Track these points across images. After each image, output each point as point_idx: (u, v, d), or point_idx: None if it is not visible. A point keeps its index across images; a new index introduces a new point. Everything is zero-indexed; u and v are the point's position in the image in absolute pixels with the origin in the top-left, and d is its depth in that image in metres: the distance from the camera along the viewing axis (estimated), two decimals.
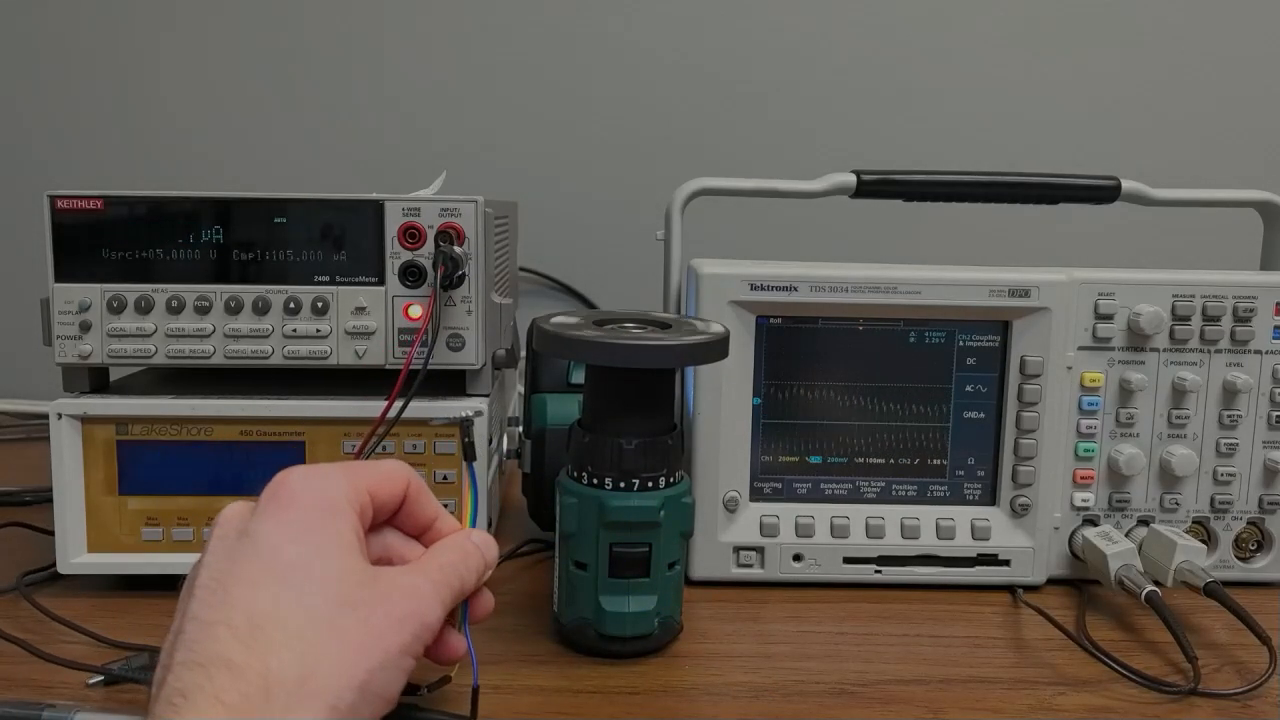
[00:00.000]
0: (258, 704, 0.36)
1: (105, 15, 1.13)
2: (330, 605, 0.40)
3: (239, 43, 1.14)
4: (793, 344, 0.68)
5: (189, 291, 0.63)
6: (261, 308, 0.63)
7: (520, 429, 0.74)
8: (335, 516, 0.43)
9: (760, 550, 0.68)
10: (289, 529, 0.41)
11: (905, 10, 1.12)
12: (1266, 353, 0.68)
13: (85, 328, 0.63)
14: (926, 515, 0.69)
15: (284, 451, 0.64)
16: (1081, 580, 0.69)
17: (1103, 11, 1.12)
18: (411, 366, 0.61)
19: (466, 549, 0.48)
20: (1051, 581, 0.69)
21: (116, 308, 0.63)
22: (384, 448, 0.63)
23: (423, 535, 0.50)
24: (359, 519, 0.44)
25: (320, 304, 0.63)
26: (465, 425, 0.58)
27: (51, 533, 0.63)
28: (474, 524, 0.53)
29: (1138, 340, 0.67)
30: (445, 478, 0.64)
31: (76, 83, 1.14)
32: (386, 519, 0.49)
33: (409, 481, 0.48)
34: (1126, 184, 0.74)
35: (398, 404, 0.59)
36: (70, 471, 0.62)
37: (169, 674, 0.37)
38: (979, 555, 0.69)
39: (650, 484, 0.56)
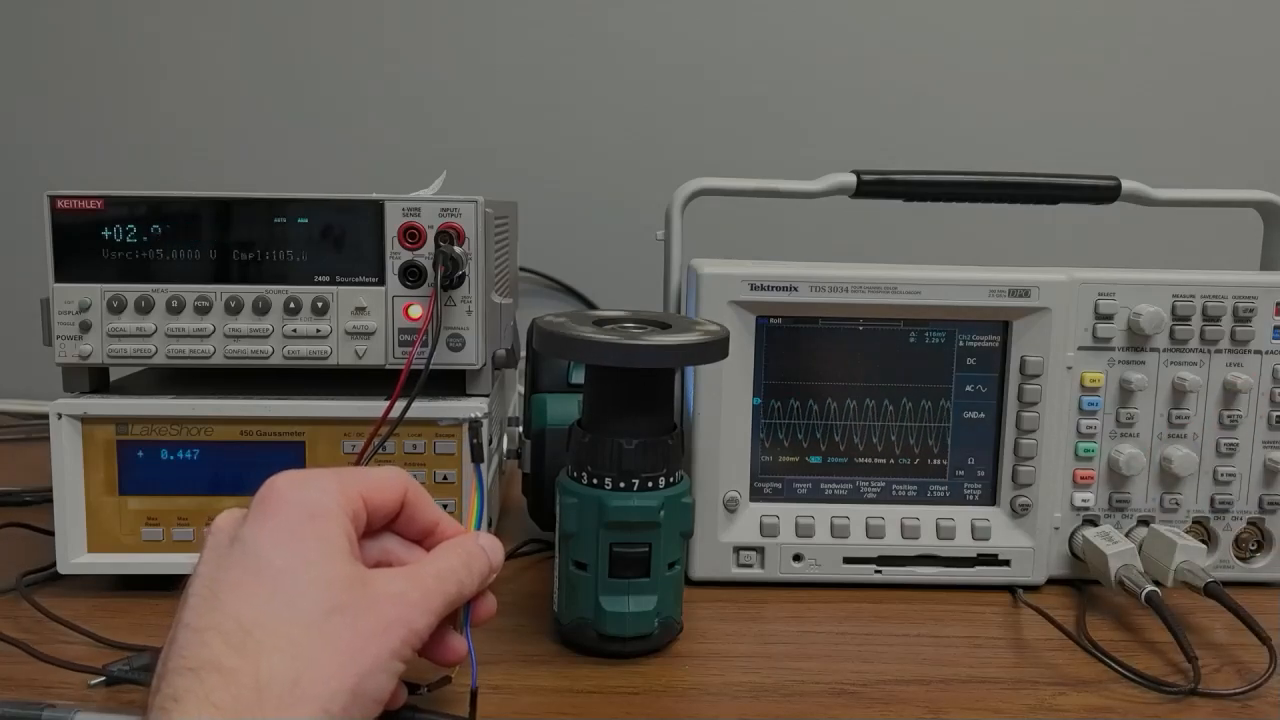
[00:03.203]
0: (249, 705, 0.36)
1: (105, 15, 1.13)
2: (319, 610, 0.40)
3: (239, 43, 1.14)
4: (793, 344, 0.68)
5: (189, 291, 0.63)
6: (261, 308, 0.63)
7: (520, 429, 0.74)
8: (324, 521, 0.43)
9: (760, 550, 0.68)
10: (277, 535, 0.42)
11: (905, 11, 1.12)
12: (1266, 353, 0.68)
13: (85, 328, 0.63)
14: (926, 515, 0.69)
15: (284, 451, 0.63)
16: (1081, 580, 0.69)
17: (1103, 12, 1.12)
18: (412, 367, 0.61)
19: (471, 551, 0.48)
20: (1051, 581, 0.69)
21: (116, 308, 0.63)
22: (384, 449, 0.63)
23: (425, 540, 0.50)
24: (351, 524, 0.44)
25: (320, 304, 0.63)
26: (474, 426, 0.58)
27: (51, 533, 0.63)
28: (479, 525, 0.53)
29: (1138, 340, 0.67)
30: (445, 478, 0.64)
31: (76, 83, 1.14)
32: (386, 525, 0.49)
33: (406, 488, 0.48)
34: (1126, 184, 0.74)
35: (400, 405, 0.59)
36: (70, 471, 0.62)
37: (162, 681, 0.38)
38: (979, 555, 0.69)
39: (650, 484, 0.56)
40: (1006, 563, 0.69)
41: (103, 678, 0.53)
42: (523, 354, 0.77)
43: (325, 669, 0.39)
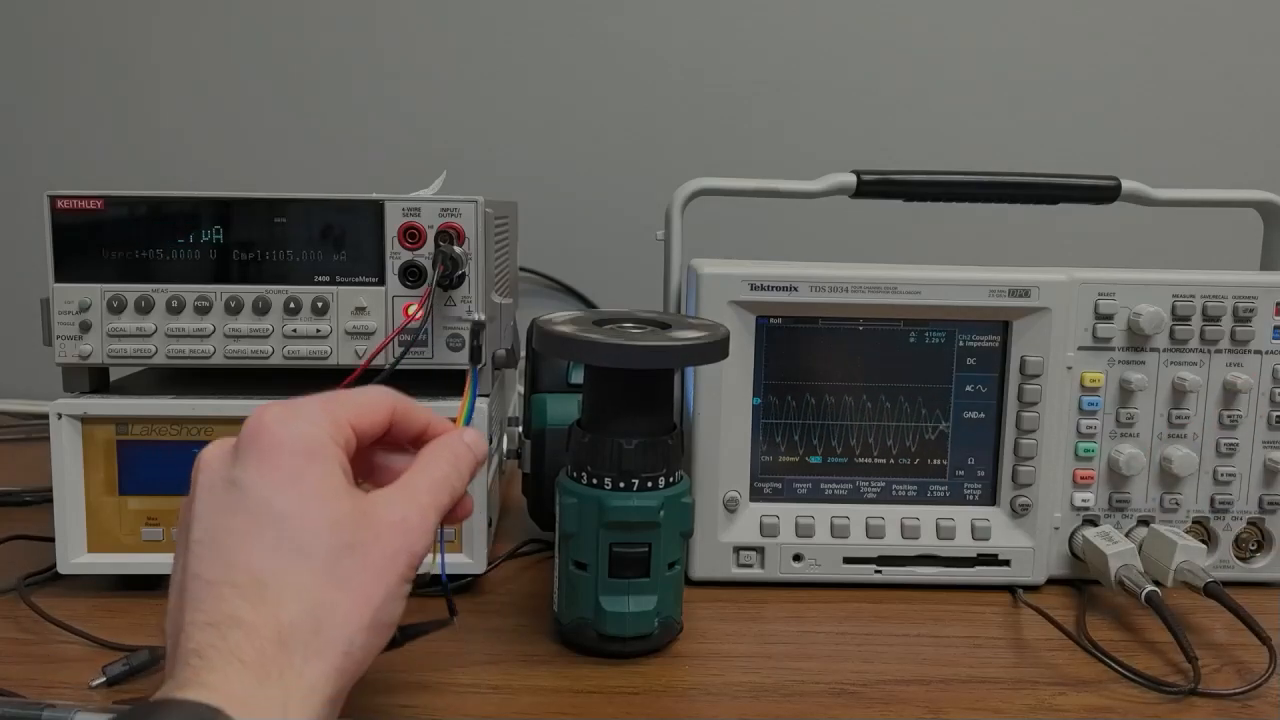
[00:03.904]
0: (274, 657, 0.37)
1: (104, 15, 1.13)
2: (329, 553, 0.40)
3: (239, 43, 1.14)
4: (793, 344, 0.68)
5: (189, 291, 0.63)
6: (261, 308, 0.63)
7: (520, 429, 0.74)
8: (320, 459, 0.42)
9: (760, 550, 0.68)
10: (275, 477, 0.41)
11: (905, 11, 1.12)
12: (1266, 353, 0.68)
13: (85, 328, 0.63)
14: (926, 515, 0.69)
15: None
16: (1081, 580, 0.69)
17: (1103, 12, 1.12)
18: (401, 361, 0.61)
19: (457, 452, 0.48)
20: (1051, 581, 0.69)
21: (116, 308, 0.63)
22: None
23: (415, 444, 0.49)
24: (343, 453, 0.44)
25: (320, 304, 0.63)
26: (475, 328, 0.58)
27: (51, 540, 0.63)
28: (468, 423, 0.52)
29: (1138, 340, 0.67)
30: None
31: (76, 83, 1.14)
32: (375, 442, 0.48)
33: (393, 407, 0.48)
34: (1126, 184, 0.74)
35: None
36: (70, 471, 0.62)
37: (181, 634, 0.38)
38: (979, 555, 0.69)
39: (650, 484, 0.56)
40: (1006, 563, 0.69)
41: (103, 678, 0.53)
42: (523, 354, 0.77)
43: (343, 611, 0.39)
